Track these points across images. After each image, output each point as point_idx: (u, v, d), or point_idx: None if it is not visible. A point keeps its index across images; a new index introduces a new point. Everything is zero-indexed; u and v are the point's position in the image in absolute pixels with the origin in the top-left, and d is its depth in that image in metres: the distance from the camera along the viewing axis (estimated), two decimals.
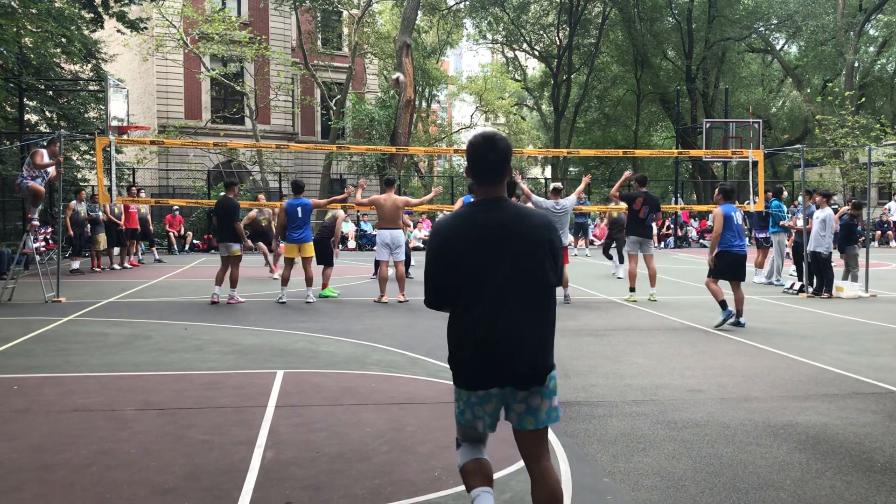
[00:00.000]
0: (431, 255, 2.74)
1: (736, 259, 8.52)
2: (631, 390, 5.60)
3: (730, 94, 31.89)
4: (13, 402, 5.16)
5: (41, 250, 13.53)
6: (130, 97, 22.64)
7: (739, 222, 8.64)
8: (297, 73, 30.92)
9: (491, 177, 2.68)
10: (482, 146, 2.66)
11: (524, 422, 2.76)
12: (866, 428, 4.71)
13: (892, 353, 7.12)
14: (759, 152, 13.52)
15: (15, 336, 7.62)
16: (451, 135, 47.39)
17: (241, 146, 15.96)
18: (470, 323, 2.73)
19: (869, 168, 15.10)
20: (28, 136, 18.26)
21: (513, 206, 2.72)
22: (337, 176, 30.86)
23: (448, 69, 53.23)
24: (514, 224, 2.65)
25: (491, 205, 2.68)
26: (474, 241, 2.65)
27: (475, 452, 2.97)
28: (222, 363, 6.49)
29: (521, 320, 2.65)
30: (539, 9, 38.68)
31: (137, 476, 3.81)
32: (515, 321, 2.65)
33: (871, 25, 35.47)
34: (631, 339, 7.76)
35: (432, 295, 2.83)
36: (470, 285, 2.68)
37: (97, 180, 12.37)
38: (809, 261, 11.55)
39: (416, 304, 10.38)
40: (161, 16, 26.09)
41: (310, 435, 4.48)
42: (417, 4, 27.79)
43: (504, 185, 2.73)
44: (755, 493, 3.65)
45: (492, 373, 2.67)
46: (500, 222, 2.64)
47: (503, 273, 2.64)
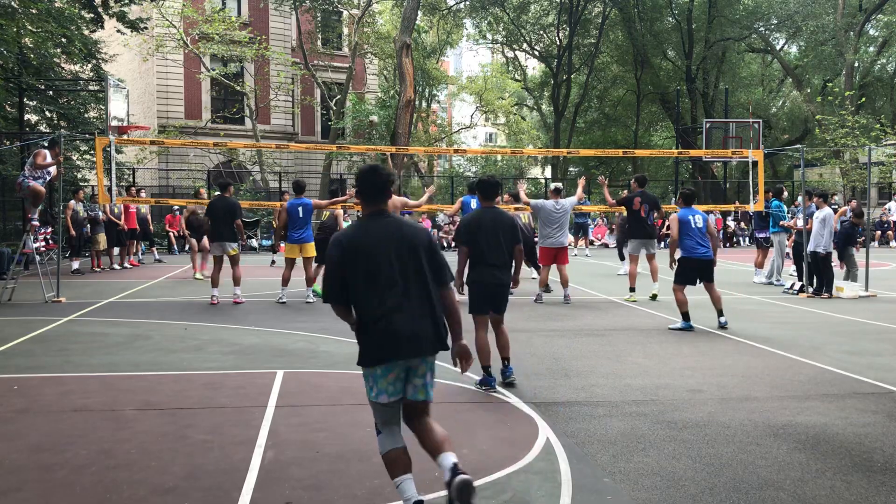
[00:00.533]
0: (336, 255, 3.31)
1: (700, 264, 8.38)
2: (631, 390, 5.60)
3: (730, 94, 31.89)
4: (13, 402, 5.16)
5: (41, 250, 13.53)
6: (130, 97, 22.64)
7: (699, 225, 8.36)
8: (297, 73, 30.92)
9: (377, 196, 3.38)
10: (370, 174, 3.38)
11: (417, 393, 3.37)
12: (866, 428, 4.71)
13: (892, 353, 7.12)
14: (759, 152, 13.53)
15: (15, 336, 7.62)
16: (451, 135, 47.35)
17: (241, 146, 15.95)
18: (368, 310, 3.28)
19: (869, 168, 15.10)
20: (28, 136, 18.26)
21: (393, 217, 3.42)
22: (337, 176, 30.86)
23: (448, 69, 53.19)
24: (396, 230, 3.33)
25: (378, 216, 3.36)
26: (368, 243, 3.28)
27: (395, 439, 3.37)
28: (222, 363, 6.49)
29: (408, 304, 3.28)
30: (539, 9, 38.67)
31: (137, 476, 3.81)
32: (404, 305, 3.26)
33: (871, 25, 35.46)
34: (631, 339, 7.76)
35: (331, 288, 3.36)
36: (365, 278, 3.28)
37: (97, 180, 12.37)
38: (809, 261, 11.55)
39: None
40: (161, 16, 26.09)
41: (310, 435, 4.48)
42: (417, 4, 27.78)
43: (387, 203, 3.41)
44: (755, 493, 3.65)
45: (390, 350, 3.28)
46: (386, 229, 3.32)
47: (390, 267, 3.27)
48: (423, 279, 3.31)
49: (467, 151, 17.88)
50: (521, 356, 6.84)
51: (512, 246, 5.72)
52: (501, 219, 5.72)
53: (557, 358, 6.75)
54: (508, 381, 5.69)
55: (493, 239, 5.61)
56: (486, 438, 4.44)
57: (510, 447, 4.29)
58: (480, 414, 4.97)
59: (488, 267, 5.62)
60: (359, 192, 3.41)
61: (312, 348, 7.14)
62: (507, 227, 5.68)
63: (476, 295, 5.70)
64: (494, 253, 5.62)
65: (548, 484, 3.75)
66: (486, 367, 5.61)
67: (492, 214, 5.71)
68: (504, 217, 5.77)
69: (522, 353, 6.96)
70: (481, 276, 5.64)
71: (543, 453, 4.19)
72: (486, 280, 5.64)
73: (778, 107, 44.14)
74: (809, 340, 7.74)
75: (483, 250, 5.60)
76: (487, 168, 39.14)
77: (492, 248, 5.61)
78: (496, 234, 5.62)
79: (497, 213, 5.77)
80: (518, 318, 9.13)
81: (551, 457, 4.14)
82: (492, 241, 5.61)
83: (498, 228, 5.63)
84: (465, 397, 5.40)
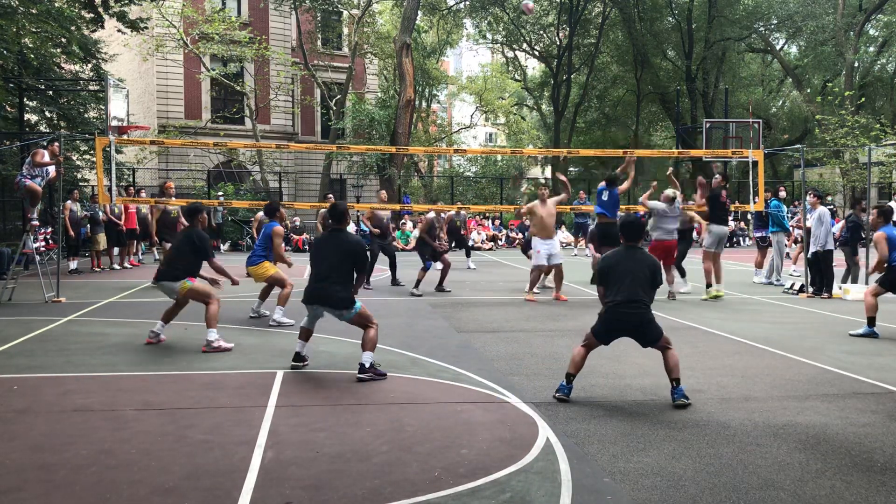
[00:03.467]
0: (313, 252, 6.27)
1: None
2: (631, 390, 5.60)
3: (730, 94, 31.86)
4: (13, 402, 5.16)
5: (41, 250, 13.53)
6: (130, 97, 22.58)
7: None
8: (297, 73, 30.91)
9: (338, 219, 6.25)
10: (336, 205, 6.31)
11: (343, 318, 6.06)
12: (866, 428, 4.71)
13: (892, 353, 7.12)
14: (759, 152, 13.51)
15: (15, 336, 7.62)
16: (451, 135, 47.36)
17: (241, 146, 15.94)
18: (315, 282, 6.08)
19: (869, 168, 15.10)
20: (28, 136, 18.25)
21: (343, 232, 6.21)
22: (337, 176, 30.86)
23: (448, 69, 53.19)
24: (340, 240, 6.11)
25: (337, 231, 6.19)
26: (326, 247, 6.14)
27: (309, 324, 6.32)
28: (222, 363, 6.50)
29: (335, 281, 6.00)
30: (539, 9, 38.65)
31: (137, 476, 3.81)
32: (331, 281, 6.00)
33: (871, 25, 35.44)
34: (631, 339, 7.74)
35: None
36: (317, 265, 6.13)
37: (97, 180, 12.36)
38: (810, 258, 11.55)
39: (417, 303, 10.38)
40: (161, 16, 26.08)
41: (310, 435, 4.49)
42: (417, 4, 27.79)
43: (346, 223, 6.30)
44: (755, 493, 3.65)
45: (319, 300, 6.07)
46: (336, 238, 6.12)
47: (330, 262, 6.05)
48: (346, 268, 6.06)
49: (467, 151, 17.83)
50: (521, 356, 6.85)
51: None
52: (644, 259, 5.53)
53: (557, 358, 6.75)
54: (677, 403, 5.22)
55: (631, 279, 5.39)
56: (486, 438, 4.44)
57: (510, 447, 4.29)
58: (480, 414, 4.97)
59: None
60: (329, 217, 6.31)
61: (313, 348, 7.12)
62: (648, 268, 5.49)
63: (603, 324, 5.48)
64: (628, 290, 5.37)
65: (548, 484, 3.75)
66: (570, 375, 5.43)
67: (634, 254, 5.53)
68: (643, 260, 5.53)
69: (522, 353, 6.96)
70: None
71: (543, 453, 4.20)
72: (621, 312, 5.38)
73: (778, 107, 44.14)
74: (809, 340, 7.74)
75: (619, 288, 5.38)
76: (487, 168, 39.11)
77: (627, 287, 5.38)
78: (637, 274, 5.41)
79: (638, 254, 5.56)
80: (518, 318, 9.13)
81: (551, 457, 4.14)
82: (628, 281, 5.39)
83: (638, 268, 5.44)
84: (465, 397, 5.40)
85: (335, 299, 5.99)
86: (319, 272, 6.10)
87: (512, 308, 10.02)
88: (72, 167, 21.63)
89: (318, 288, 6.07)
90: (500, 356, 6.83)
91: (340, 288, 6.01)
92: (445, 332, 8.10)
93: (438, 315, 9.35)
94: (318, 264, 6.14)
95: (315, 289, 6.09)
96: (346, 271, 6.08)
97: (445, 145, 44.66)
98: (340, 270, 6.05)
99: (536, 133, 46.32)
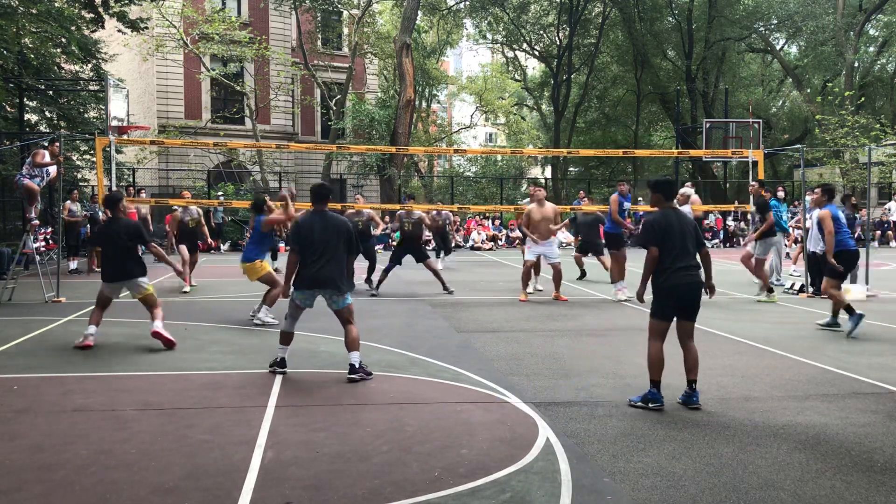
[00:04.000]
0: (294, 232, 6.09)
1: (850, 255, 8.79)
2: (631, 390, 5.60)
3: (730, 94, 31.87)
4: (13, 402, 5.16)
5: (41, 250, 13.52)
6: (130, 97, 22.62)
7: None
8: (297, 73, 30.90)
9: (320, 201, 6.01)
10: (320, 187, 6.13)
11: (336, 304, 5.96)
12: (866, 428, 4.71)
13: (892, 353, 7.12)
14: (759, 152, 13.53)
15: (15, 336, 7.62)
16: (451, 135, 47.35)
17: (241, 146, 15.97)
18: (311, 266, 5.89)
19: (869, 168, 15.10)
20: (28, 136, 18.25)
21: (329, 213, 6.03)
22: (337, 176, 30.86)
23: (448, 69, 53.18)
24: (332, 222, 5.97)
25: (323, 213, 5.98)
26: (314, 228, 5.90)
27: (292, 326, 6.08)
28: (222, 363, 6.50)
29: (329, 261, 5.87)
30: (539, 9, 38.64)
31: (137, 476, 3.81)
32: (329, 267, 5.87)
33: (871, 25, 35.43)
34: (631, 339, 7.75)
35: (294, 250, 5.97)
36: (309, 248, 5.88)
37: (97, 180, 12.36)
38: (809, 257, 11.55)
39: (417, 304, 10.38)
40: (161, 16, 26.08)
41: (310, 435, 4.49)
42: (417, 4, 27.78)
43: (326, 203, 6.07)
44: (755, 493, 3.65)
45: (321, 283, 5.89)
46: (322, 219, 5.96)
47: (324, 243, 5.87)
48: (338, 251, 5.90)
49: (467, 151, 17.86)
50: (521, 356, 6.85)
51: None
52: (686, 220, 5.33)
53: (557, 358, 6.75)
54: (692, 406, 5.12)
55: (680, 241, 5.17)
56: (486, 438, 4.44)
57: (510, 447, 4.29)
58: (480, 414, 4.97)
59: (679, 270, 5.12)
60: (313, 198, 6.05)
61: (312, 348, 7.14)
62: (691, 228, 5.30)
63: (664, 299, 5.20)
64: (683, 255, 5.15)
65: (548, 484, 3.75)
66: (655, 381, 5.15)
67: (677, 215, 5.30)
68: (687, 219, 5.35)
69: (522, 353, 6.96)
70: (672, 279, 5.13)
71: (543, 453, 4.20)
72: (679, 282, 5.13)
73: (778, 107, 44.13)
74: (809, 340, 7.74)
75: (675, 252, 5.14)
76: (487, 168, 39.11)
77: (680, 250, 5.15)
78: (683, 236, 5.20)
79: (681, 214, 5.35)
80: (518, 318, 9.13)
81: (551, 457, 4.14)
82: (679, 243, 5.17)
83: (685, 229, 5.23)
84: (465, 397, 5.40)
85: (333, 281, 5.80)
86: (311, 255, 5.81)
87: (512, 308, 10.01)
88: (72, 167, 21.63)
89: (313, 271, 5.79)
90: (500, 356, 6.83)
91: (336, 269, 5.83)
92: (445, 332, 8.10)
93: (438, 315, 9.35)
94: (307, 246, 5.83)
95: (310, 273, 5.81)
96: (339, 252, 5.87)
97: (445, 145, 44.65)
98: (334, 251, 5.83)
99: (536, 133, 46.31)
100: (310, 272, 5.83)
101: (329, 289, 5.87)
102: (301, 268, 5.89)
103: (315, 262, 5.80)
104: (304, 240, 5.86)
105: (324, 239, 5.82)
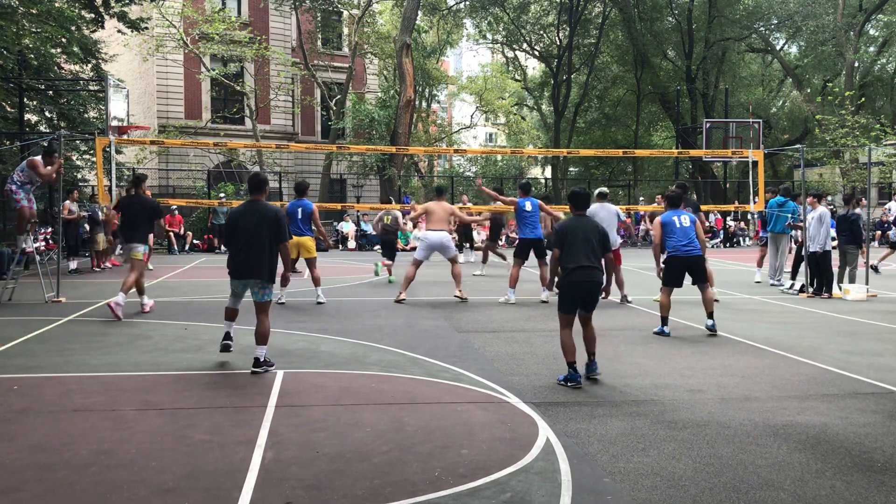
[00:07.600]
0: (228, 224, 6.25)
1: (687, 262, 8.13)
2: (631, 390, 5.60)
3: (730, 94, 31.87)
4: (13, 402, 5.16)
5: (41, 250, 13.51)
6: (130, 97, 22.61)
7: (686, 225, 8.11)
8: (297, 73, 30.90)
9: (254, 191, 6.23)
10: (254, 176, 6.27)
11: (257, 296, 6.16)
12: (866, 428, 4.71)
13: (892, 353, 7.12)
14: (759, 152, 13.54)
15: (15, 336, 7.62)
16: (451, 135, 47.36)
17: (241, 146, 15.96)
18: (237, 255, 6.17)
19: (869, 168, 15.10)
20: (28, 136, 18.24)
21: (261, 202, 6.16)
22: (337, 176, 30.85)
23: (448, 69, 53.18)
24: (259, 211, 6.10)
25: (254, 202, 6.16)
26: (245, 217, 6.11)
27: (235, 304, 6.45)
28: (222, 363, 6.50)
29: (257, 252, 6.08)
30: (539, 9, 38.66)
31: (137, 476, 3.81)
32: (251, 257, 6.09)
33: (871, 25, 35.45)
34: (631, 339, 7.76)
35: (227, 244, 6.33)
36: (235, 238, 6.14)
37: (97, 180, 12.37)
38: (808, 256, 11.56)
39: (417, 304, 10.38)
40: (161, 16, 26.08)
41: (310, 435, 4.49)
42: (417, 4, 27.77)
43: (264, 194, 6.23)
44: (755, 493, 3.65)
45: (245, 273, 6.14)
46: (253, 209, 6.13)
47: (249, 233, 6.08)
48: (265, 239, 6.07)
49: (467, 151, 17.87)
50: (521, 356, 6.85)
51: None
52: (591, 226, 6.09)
53: (557, 358, 6.74)
54: (593, 376, 5.91)
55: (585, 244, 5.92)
56: (486, 438, 4.44)
57: (510, 447, 4.29)
58: (480, 414, 4.97)
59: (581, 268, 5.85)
60: (249, 188, 6.24)
61: (312, 348, 7.14)
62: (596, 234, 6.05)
63: (566, 295, 5.93)
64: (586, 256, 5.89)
65: (548, 484, 3.75)
66: (572, 363, 5.79)
67: (581, 222, 6.07)
68: (591, 224, 6.14)
69: (522, 353, 6.96)
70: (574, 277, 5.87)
71: (543, 453, 4.20)
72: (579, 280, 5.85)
73: (778, 107, 44.14)
74: (809, 340, 7.74)
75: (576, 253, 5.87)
76: (487, 168, 39.11)
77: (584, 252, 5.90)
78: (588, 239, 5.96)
79: (587, 221, 6.15)
80: (518, 318, 9.13)
81: (551, 457, 4.14)
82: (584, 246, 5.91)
83: (590, 234, 5.97)
84: (465, 397, 5.40)
85: (260, 271, 6.07)
86: (240, 244, 6.10)
87: (512, 308, 10.02)
88: (72, 167, 21.62)
89: (242, 260, 6.09)
90: (500, 356, 6.83)
91: (264, 259, 6.07)
92: (445, 332, 8.10)
93: (438, 315, 9.35)
94: (237, 236, 6.13)
95: (239, 261, 6.12)
96: (266, 242, 6.07)
97: (445, 145, 44.67)
98: (261, 241, 6.06)
99: (536, 133, 46.33)
100: (235, 261, 6.16)
101: (253, 278, 6.13)
102: (229, 256, 6.24)
103: (240, 252, 6.12)
104: (231, 230, 6.21)
105: (248, 229, 6.07)
